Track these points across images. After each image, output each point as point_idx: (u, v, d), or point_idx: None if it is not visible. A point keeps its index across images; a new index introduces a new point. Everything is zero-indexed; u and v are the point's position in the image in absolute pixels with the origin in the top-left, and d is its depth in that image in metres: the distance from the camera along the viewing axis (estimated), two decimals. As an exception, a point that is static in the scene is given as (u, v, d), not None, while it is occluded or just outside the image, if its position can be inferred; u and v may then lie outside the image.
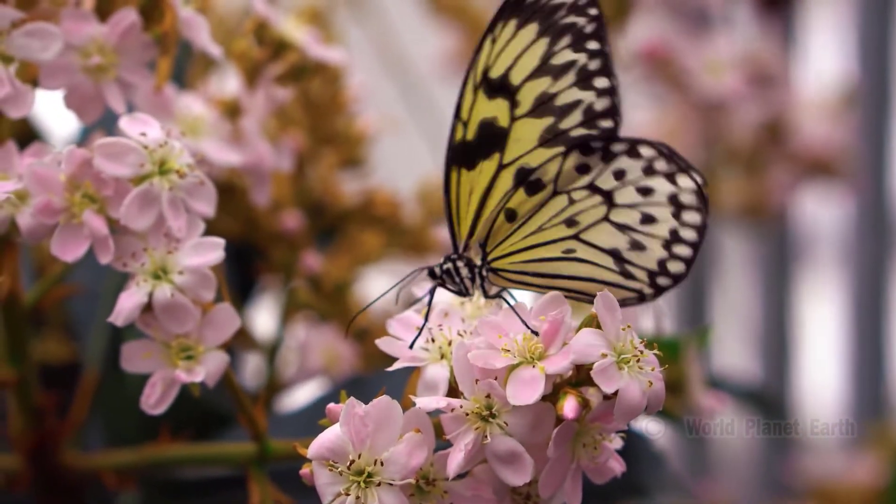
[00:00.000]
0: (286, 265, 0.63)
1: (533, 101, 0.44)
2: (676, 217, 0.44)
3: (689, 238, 0.44)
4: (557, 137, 0.44)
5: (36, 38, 0.47)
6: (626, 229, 0.44)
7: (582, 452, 0.43)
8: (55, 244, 0.46)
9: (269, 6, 0.55)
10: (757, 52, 0.89)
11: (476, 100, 0.45)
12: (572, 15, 0.44)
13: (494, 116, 0.44)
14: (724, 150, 0.94)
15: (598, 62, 0.44)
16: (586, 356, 0.42)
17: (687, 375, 0.56)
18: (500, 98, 0.44)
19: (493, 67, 0.44)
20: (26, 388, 0.52)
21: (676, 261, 0.45)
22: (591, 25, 0.44)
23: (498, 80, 0.44)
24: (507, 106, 0.44)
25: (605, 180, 0.44)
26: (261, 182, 0.54)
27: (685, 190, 0.44)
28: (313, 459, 0.42)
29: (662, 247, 0.44)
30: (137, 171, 0.45)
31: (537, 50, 0.44)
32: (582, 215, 0.44)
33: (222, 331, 0.46)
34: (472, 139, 0.45)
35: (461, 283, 0.45)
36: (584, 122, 0.44)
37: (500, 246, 0.45)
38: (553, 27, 0.44)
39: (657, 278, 0.45)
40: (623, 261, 0.45)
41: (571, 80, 0.44)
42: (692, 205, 0.44)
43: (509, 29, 0.44)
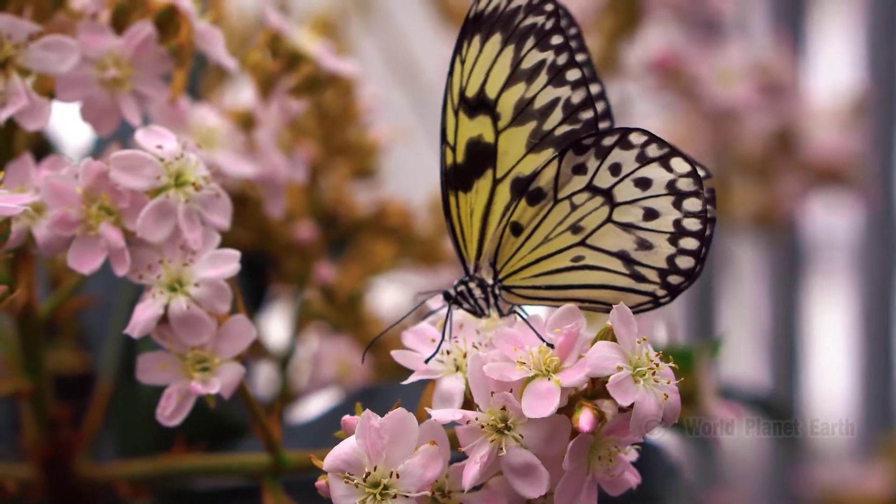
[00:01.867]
0: (299, 275, 0.63)
1: (512, 109, 0.44)
2: (677, 206, 0.44)
3: (694, 228, 0.44)
4: (543, 140, 0.44)
5: (53, 50, 0.47)
6: (631, 228, 0.44)
7: (597, 465, 0.43)
8: (72, 256, 0.46)
9: (282, 19, 0.55)
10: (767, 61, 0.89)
11: (458, 122, 0.45)
12: (530, 16, 0.44)
13: (479, 134, 0.45)
14: (735, 158, 0.94)
15: (564, 56, 0.44)
16: (602, 369, 0.42)
17: (700, 386, 0.56)
18: (482, 115, 0.45)
19: (468, 86, 0.44)
20: (41, 399, 0.52)
21: (685, 255, 0.44)
22: (549, 21, 0.44)
23: (475, 97, 0.44)
24: (490, 121, 0.44)
25: (602, 178, 0.44)
26: (275, 193, 0.55)
27: (681, 175, 0.44)
28: (329, 471, 0.42)
29: (669, 241, 0.44)
30: (154, 183, 0.46)
31: (505, 59, 0.44)
32: (586, 220, 0.44)
33: (238, 342, 0.46)
34: (462, 161, 0.45)
35: (476, 304, 0.45)
36: (566, 118, 0.44)
37: (510, 262, 0.45)
38: (515, 33, 0.44)
39: (668, 276, 0.45)
40: (632, 262, 0.44)
41: (544, 80, 0.44)
42: (690, 190, 0.44)
43: (475, 45, 0.44)
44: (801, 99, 0.92)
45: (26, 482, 0.53)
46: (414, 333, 0.46)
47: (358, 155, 0.65)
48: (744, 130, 0.92)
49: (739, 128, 0.92)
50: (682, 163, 0.44)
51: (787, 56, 0.91)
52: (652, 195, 0.44)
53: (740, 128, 0.92)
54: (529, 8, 0.44)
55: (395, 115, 0.70)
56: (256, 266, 0.63)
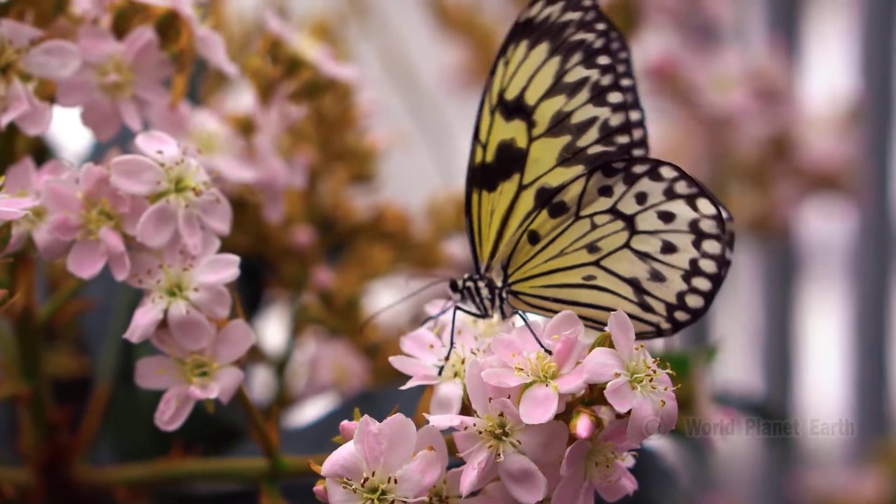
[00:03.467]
0: (297, 280, 0.63)
1: (549, 120, 0.44)
2: (696, 246, 0.44)
3: (709, 270, 0.44)
4: (576, 156, 0.44)
5: (54, 55, 0.47)
6: (647, 258, 0.44)
7: (594, 471, 0.43)
8: (71, 261, 0.46)
9: (282, 24, 0.55)
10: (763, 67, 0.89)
11: (493, 122, 0.45)
12: (581, 31, 0.44)
13: (513, 138, 0.45)
14: (731, 164, 0.94)
15: (609, 77, 0.44)
16: (599, 375, 0.42)
17: (696, 392, 0.56)
18: (518, 119, 0.45)
19: (508, 89, 0.45)
20: (39, 403, 0.52)
21: (696, 295, 0.44)
22: (599, 41, 0.44)
23: (514, 101, 0.45)
24: (525, 127, 0.45)
25: (627, 204, 0.44)
26: (274, 198, 0.55)
27: (705, 216, 0.44)
28: (327, 476, 0.42)
29: (682, 279, 0.44)
30: (154, 188, 0.46)
31: (550, 69, 0.44)
32: (604, 241, 0.44)
33: (237, 347, 0.46)
34: (491, 161, 0.45)
35: (481, 304, 0.45)
36: (601, 138, 0.44)
37: (522, 268, 0.45)
38: (564, 45, 0.44)
39: (675, 312, 0.45)
40: (642, 291, 0.45)
41: (585, 97, 0.44)
42: (711, 233, 0.44)
43: (521, 50, 0.45)
44: (796, 105, 0.92)
45: (24, 486, 0.53)
46: (412, 339, 0.46)
47: (356, 160, 0.65)
48: (740, 136, 0.92)
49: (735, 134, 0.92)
50: (708, 204, 0.44)
51: (783, 62, 0.92)
52: (673, 230, 0.44)
53: (736, 134, 0.92)
54: (581, 24, 0.44)
55: (393, 120, 0.70)
56: (254, 270, 0.64)
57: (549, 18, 0.44)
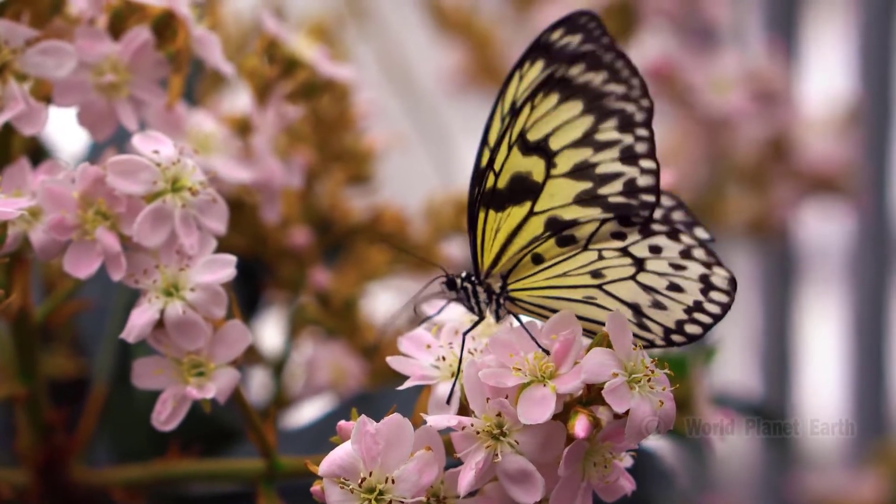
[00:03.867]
0: (294, 281, 0.63)
1: (572, 166, 0.44)
2: (704, 293, 0.44)
3: (712, 311, 0.44)
4: (594, 199, 0.44)
5: (50, 56, 0.47)
6: (652, 290, 0.44)
7: (592, 471, 0.43)
8: (68, 261, 0.46)
9: (279, 24, 0.55)
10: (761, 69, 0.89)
11: (510, 154, 0.44)
12: (622, 102, 0.43)
13: (529, 171, 0.44)
14: (729, 166, 0.94)
15: (645, 146, 0.43)
16: (597, 375, 0.42)
17: (694, 393, 0.56)
18: (537, 156, 0.44)
19: (531, 131, 0.44)
20: (35, 404, 0.52)
21: (695, 324, 0.44)
22: (641, 114, 0.43)
23: (536, 142, 0.44)
24: (543, 165, 0.44)
25: (639, 250, 0.44)
26: (271, 199, 0.55)
27: (718, 276, 0.44)
28: (324, 476, 0.42)
29: (684, 311, 0.44)
30: (150, 188, 0.46)
31: (580, 125, 0.44)
32: (609, 270, 0.44)
33: (233, 347, 0.46)
34: (503, 187, 0.45)
35: (476, 305, 0.45)
36: (625, 192, 0.44)
37: (522, 281, 0.45)
38: (600, 109, 0.43)
39: (672, 335, 0.45)
40: (642, 315, 0.45)
41: (615, 155, 0.44)
42: (722, 287, 0.44)
43: (550, 101, 0.44)
44: (794, 107, 0.92)
45: (21, 487, 0.53)
46: (410, 339, 0.46)
47: (353, 161, 0.65)
48: (738, 138, 0.92)
49: (733, 135, 0.92)
50: (722, 272, 0.44)
51: (781, 64, 0.92)
52: (683, 276, 0.44)
53: (734, 135, 0.92)
54: (625, 97, 0.43)
55: (390, 122, 0.70)
56: (252, 271, 0.63)
57: (589, 83, 0.43)
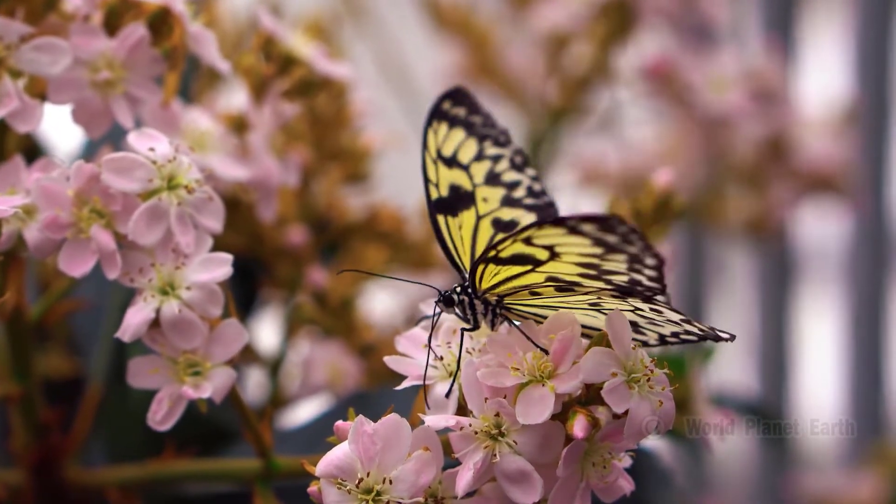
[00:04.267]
0: (291, 280, 0.63)
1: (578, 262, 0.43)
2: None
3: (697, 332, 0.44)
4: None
5: (45, 52, 0.47)
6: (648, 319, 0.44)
7: (591, 471, 0.43)
8: (62, 259, 0.45)
9: (275, 22, 0.55)
10: (759, 68, 0.89)
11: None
12: (626, 245, 0.42)
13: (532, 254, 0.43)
14: (727, 165, 0.93)
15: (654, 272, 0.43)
16: (596, 375, 0.42)
17: (693, 393, 0.56)
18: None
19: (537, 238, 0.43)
20: (30, 403, 0.52)
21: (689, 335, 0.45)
22: (651, 259, 0.43)
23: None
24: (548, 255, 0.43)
25: (640, 304, 0.44)
26: (268, 197, 0.54)
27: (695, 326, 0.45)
28: (321, 477, 0.42)
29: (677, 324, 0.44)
30: (146, 186, 0.45)
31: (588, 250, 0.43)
32: (605, 303, 0.44)
33: (230, 347, 0.46)
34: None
35: (473, 318, 0.45)
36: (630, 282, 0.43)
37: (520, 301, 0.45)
38: (609, 248, 0.42)
39: (666, 339, 0.45)
40: (638, 329, 0.44)
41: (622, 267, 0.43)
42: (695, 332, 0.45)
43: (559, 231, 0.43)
44: (792, 107, 0.92)
45: (15, 487, 0.53)
46: (407, 338, 0.46)
47: (350, 159, 0.65)
48: (736, 137, 0.92)
49: (731, 135, 0.92)
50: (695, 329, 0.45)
51: (780, 63, 0.92)
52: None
53: (732, 135, 0.92)
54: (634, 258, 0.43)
55: (388, 121, 0.70)
56: (248, 270, 0.63)
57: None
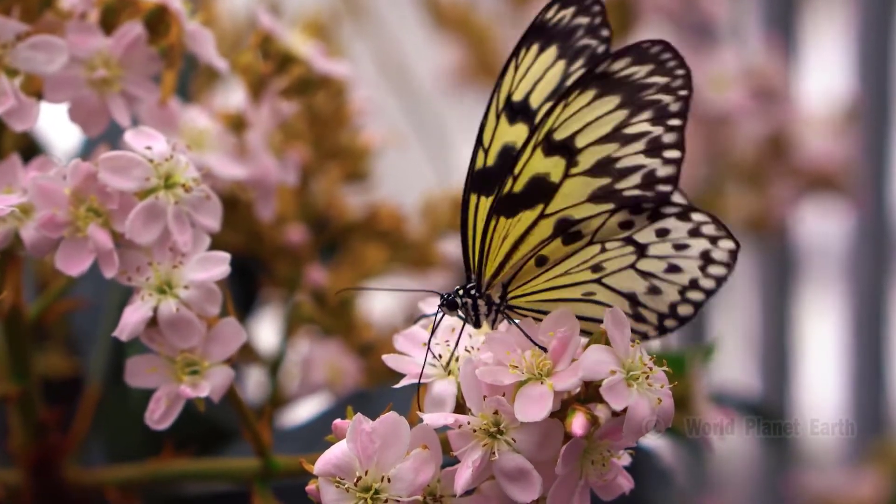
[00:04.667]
0: (290, 279, 0.63)
1: (593, 162, 0.43)
2: (702, 269, 0.44)
3: (707, 286, 0.44)
4: (609, 195, 0.44)
5: (41, 50, 0.47)
6: (649, 276, 0.44)
7: (590, 469, 0.42)
8: (59, 258, 0.45)
9: (274, 20, 0.55)
10: (760, 66, 0.89)
11: (532, 156, 0.44)
12: (661, 93, 0.43)
13: (548, 173, 0.44)
14: (727, 164, 0.93)
15: (673, 136, 0.43)
16: (595, 373, 0.41)
17: (693, 391, 0.56)
18: (559, 157, 0.43)
19: (559, 130, 0.43)
20: (29, 403, 0.52)
21: (687, 304, 0.45)
22: (677, 104, 0.43)
23: (561, 141, 0.43)
24: (564, 164, 0.43)
25: (644, 235, 0.44)
26: (266, 196, 0.54)
27: (721, 249, 0.44)
28: (320, 476, 0.42)
29: (678, 292, 0.44)
30: (143, 184, 0.45)
31: (613, 120, 0.43)
32: (609, 262, 0.44)
33: (228, 346, 0.46)
34: (519, 191, 0.44)
35: (476, 318, 0.45)
36: (642, 184, 0.43)
37: (523, 287, 0.45)
38: (636, 102, 0.42)
39: (665, 321, 0.45)
40: (638, 304, 0.44)
41: (640, 147, 0.43)
42: (722, 261, 0.44)
43: (586, 97, 0.43)
44: (793, 105, 0.92)
45: (14, 487, 0.53)
46: (406, 337, 0.46)
47: (350, 158, 0.64)
48: (736, 136, 0.92)
49: (732, 133, 0.92)
50: (729, 243, 0.44)
51: (780, 62, 0.92)
52: (683, 256, 0.44)
53: (733, 133, 0.92)
54: (665, 88, 0.42)
55: (387, 119, 0.70)
56: (247, 269, 0.63)
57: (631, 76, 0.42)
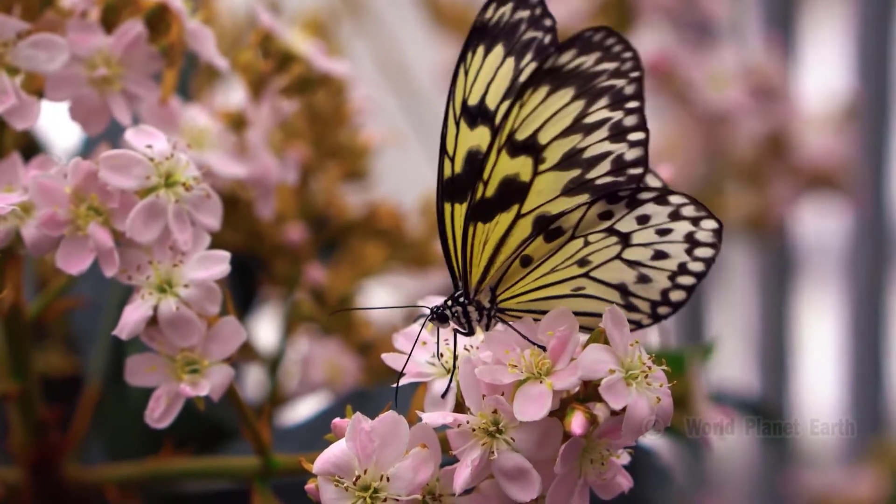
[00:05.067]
0: (289, 278, 0.63)
1: (560, 156, 0.43)
2: (689, 253, 0.44)
3: (696, 269, 0.44)
4: (581, 186, 0.44)
5: (42, 49, 0.47)
6: (637, 265, 0.44)
7: (589, 468, 0.42)
8: (60, 257, 0.45)
9: (274, 18, 0.55)
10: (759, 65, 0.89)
11: (498, 159, 0.44)
12: (613, 79, 0.43)
13: (517, 173, 0.44)
14: (727, 162, 0.93)
15: (634, 118, 0.43)
16: (594, 372, 0.41)
17: (692, 390, 0.56)
18: (525, 156, 0.43)
19: (520, 130, 0.43)
20: (29, 402, 0.52)
21: (678, 290, 0.44)
22: (631, 86, 0.43)
23: (523, 140, 0.43)
24: (532, 162, 0.43)
25: (626, 224, 0.44)
26: (266, 195, 0.54)
27: (705, 230, 0.44)
28: (319, 474, 0.42)
29: (668, 278, 0.44)
30: (143, 183, 0.45)
31: (571, 112, 0.43)
32: (595, 255, 0.44)
33: (227, 344, 0.46)
34: (491, 195, 0.44)
35: (468, 324, 0.45)
36: (612, 171, 0.43)
37: (511, 288, 0.45)
38: (591, 90, 0.43)
39: (658, 308, 0.45)
40: (629, 293, 0.44)
41: (604, 134, 0.43)
42: (707, 242, 0.44)
43: (539, 95, 0.43)
44: (792, 103, 0.92)
45: (13, 486, 0.53)
46: (405, 336, 0.46)
47: (349, 157, 0.64)
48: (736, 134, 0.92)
49: (731, 131, 0.92)
50: (711, 223, 0.44)
51: (780, 60, 0.91)
52: (668, 241, 0.44)
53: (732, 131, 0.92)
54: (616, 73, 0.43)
55: (386, 118, 0.70)
56: (246, 268, 0.63)
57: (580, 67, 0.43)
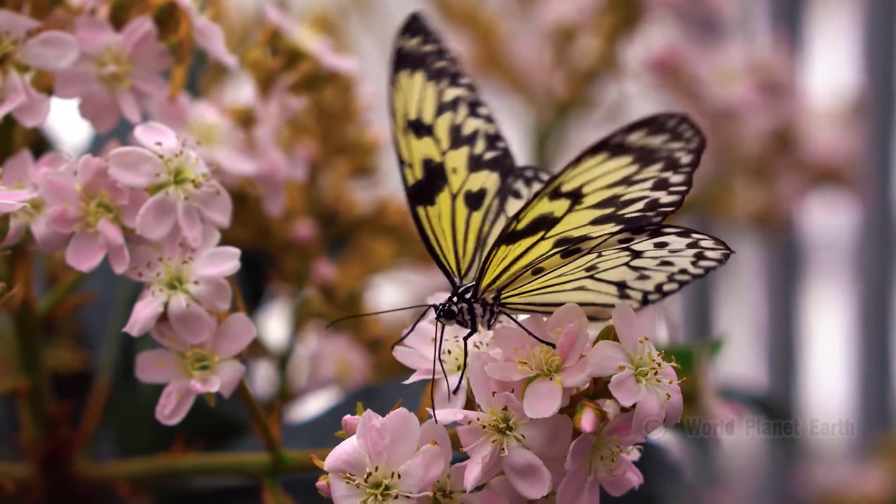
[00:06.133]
0: (298, 274, 0.63)
1: (599, 201, 0.43)
2: (694, 264, 0.44)
3: (695, 272, 0.44)
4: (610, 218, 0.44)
5: (51, 46, 0.47)
6: (640, 269, 0.44)
7: (599, 465, 0.43)
8: (70, 253, 0.45)
9: (282, 15, 0.55)
10: (766, 60, 0.89)
11: (537, 203, 0.44)
12: (674, 152, 0.43)
13: (551, 211, 0.44)
14: (734, 158, 0.93)
15: (682, 177, 0.43)
16: (604, 369, 0.42)
17: (700, 386, 0.56)
18: (564, 199, 0.44)
19: (566, 183, 0.43)
20: (39, 398, 0.52)
21: (673, 283, 0.44)
22: (689, 157, 0.43)
23: (569, 191, 0.43)
24: (569, 204, 0.43)
25: (642, 245, 0.44)
26: (274, 191, 0.54)
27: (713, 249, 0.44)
28: (330, 471, 0.42)
29: (666, 276, 0.44)
30: (153, 180, 0.45)
31: (623, 172, 0.43)
32: (604, 263, 0.44)
33: (238, 341, 0.46)
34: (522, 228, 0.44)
35: (472, 321, 0.45)
36: (645, 209, 0.43)
37: (517, 290, 0.45)
38: (648, 159, 0.43)
39: (649, 296, 0.45)
40: (626, 288, 0.45)
41: (648, 186, 0.43)
42: (713, 258, 0.44)
43: (597, 159, 0.43)
44: (800, 99, 0.92)
45: (24, 481, 0.53)
46: (414, 332, 0.46)
47: (357, 153, 0.64)
48: (743, 130, 0.92)
49: (738, 127, 0.91)
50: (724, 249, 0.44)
51: (787, 56, 0.91)
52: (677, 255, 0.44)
53: (739, 127, 0.91)
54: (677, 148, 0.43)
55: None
56: (255, 264, 0.63)
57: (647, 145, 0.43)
